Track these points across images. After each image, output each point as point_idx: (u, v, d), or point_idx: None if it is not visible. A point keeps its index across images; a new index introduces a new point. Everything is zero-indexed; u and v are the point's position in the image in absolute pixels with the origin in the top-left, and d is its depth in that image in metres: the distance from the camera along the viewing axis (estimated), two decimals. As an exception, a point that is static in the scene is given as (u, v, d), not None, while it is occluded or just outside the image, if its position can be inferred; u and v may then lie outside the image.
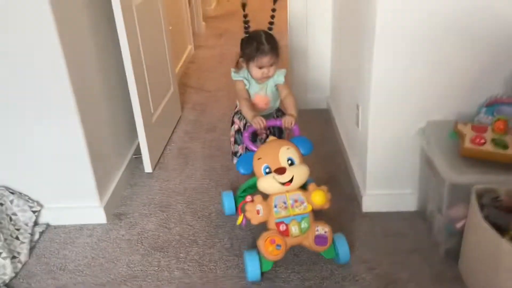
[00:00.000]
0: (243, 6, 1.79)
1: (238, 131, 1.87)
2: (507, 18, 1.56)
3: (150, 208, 2.04)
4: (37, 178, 1.89)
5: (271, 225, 1.54)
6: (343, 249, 1.60)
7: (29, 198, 1.91)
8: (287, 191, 1.54)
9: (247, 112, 1.74)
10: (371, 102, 1.75)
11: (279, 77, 1.80)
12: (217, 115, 2.91)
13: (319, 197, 1.53)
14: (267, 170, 1.53)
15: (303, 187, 1.57)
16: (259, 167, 1.55)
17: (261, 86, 1.81)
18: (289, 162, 1.54)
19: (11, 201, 1.85)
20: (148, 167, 2.29)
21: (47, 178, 1.89)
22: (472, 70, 1.65)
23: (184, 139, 2.64)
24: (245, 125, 1.84)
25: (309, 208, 1.54)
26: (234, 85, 1.82)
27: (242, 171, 1.60)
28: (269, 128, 1.83)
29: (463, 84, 1.67)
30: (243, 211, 1.58)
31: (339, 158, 2.33)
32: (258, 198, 1.54)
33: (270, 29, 1.79)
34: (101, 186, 1.95)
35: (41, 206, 1.93)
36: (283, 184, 1.52)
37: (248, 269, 1.56)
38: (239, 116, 1.88)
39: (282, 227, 1.52)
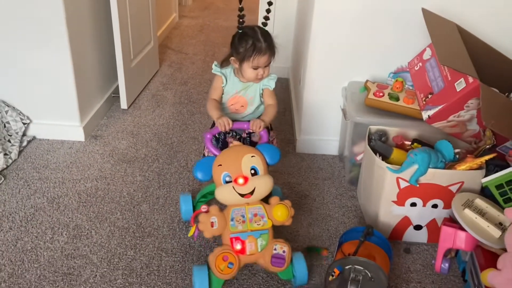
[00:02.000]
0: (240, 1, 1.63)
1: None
2: (418, 5, 2.01)
3: (122, 134, 2.45)
4: (29, 96, 2.27)
5: (226, 240, 1.45)
6: (300, 270, 1.50)
7: (21, 112, 2.29)
8: (247, 204, 1.44)
9: (212, 111, 1.61)
10: (308, 64, 2.19)
11: (270, 81, 1.68)
12: (190, 73, 3.31)
13: (281, 213, 1.45)
14: (227, 178, 1.42)
15: (266, 200, 1.49)
16: (219, 174, 1.43)
17: (243, 85, 1.65)
18: (252, 171, 1.43)
19: (6, 112, 2.22)
20: (124, 104, 2.68)
21: (37, 97, 2.27)
22: (386, 43, 2.10)
23: (159, 88, 3.04)
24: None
25: (269, 224, 1.45)
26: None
27: (199, 176, 1.46)
28: (241, 136, 1.70)
29: (379, 54, 2.12)
30: (196, 222, 1.46)
31: (288, 115, 2.78)
32: (214, 208, 1.44)
33: (264, 24, 1.65)
34: (82, 109, 2.34)
35: (30, 120, 2.32)
36: (243, 195, 1.41)
37: (195, 287, 1.43)
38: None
39: (237, 245, 1.43)
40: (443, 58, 1.68)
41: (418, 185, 1.64)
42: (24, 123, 2.28)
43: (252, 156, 1.44)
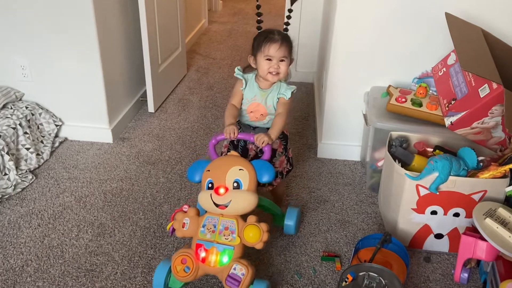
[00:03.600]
0: (258, 6, 1.70)
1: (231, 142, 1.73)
2: (442, 9, 1.97)
3: (148, 137, 2.52)
4: (62, 99, 2.38)
5: (193, 244, 1.43)
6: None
7: (54, 115, 2.40)
8: (222, 215, 1.43)
9: (226, 117, 1.62)
10: (329, 69, 2.19)
11: (287, 91, 1.62)
12: (217, 78, 3.37)
13: (252, 234, 1.38)
14: (210, 185, 1.44)
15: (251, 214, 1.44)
16: (204, 178, 1.47)
17: (262, 92, 1.64)
18: (235, 184, 1.42)
19: (40, 114, 2.34)
20: (151, 108, 2.77)
21: (69, 100, 2.38)
22: (410, 48, 2.07)
23: (185, 92, 3.11)
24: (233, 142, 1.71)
25: (237, 241, 1.40)
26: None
27: (190, 178, 1.52)
28: (247, 145, 1.69)
29: (402, 59, 2.10)
30: (175, 218, 1.49)
31: (310, 120, 2.78)
32: (191, 210, 1.47)
33: (285, 30, 1.73)
34: (111, 113, 2.44)
35: (62, 122, 2.43)
36: (218, 205, 1.41)
37: (154, 280, 1.46)
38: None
39: (201, 253, 1.41)
40: (465, 64, 1.64)
41: (438, 193, 1.60)
42: (56, 125, 2.39)
43: (240, 169, 1.43)
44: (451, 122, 1.73)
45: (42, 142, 2.30)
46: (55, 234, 1.79)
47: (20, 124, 2.18)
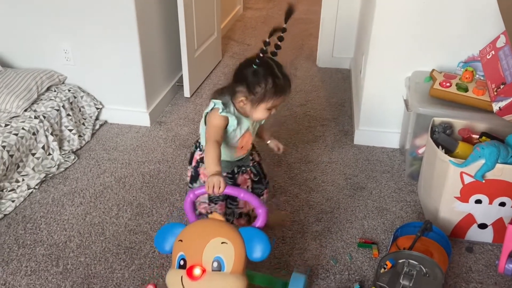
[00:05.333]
0: (281, 30, 1.32)
1: (192, 178, 1.51)
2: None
3: (184, 121, 2.55)
4: (102, 83, 2.44)
5: None
6: None
7: (94, 98, 2.47)
8: None
9: (210, 161, 1.26)
10: (369, 53, 2.12)
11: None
12: (251, 64, 3.36)
13: None
14: (181, 262, 1.11)
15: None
16: (175, 252, 1.14)
17: (249, 121, 1.41)
18: (215, 264, 1.08)
19: (81, 97, 2.41)
20: (187, 92, 2.79)
21: (109, 84, 2.43)
22: (456, 31, 1.98)
23: (220, 78, 3.11)
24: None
25: None
26: (209, 118, 1.35)
27: (158, 247, 1.22)
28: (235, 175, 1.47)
29: (447, 42, 2.01)
30: None
31: (347, 106, 2.73)
32: None
33: (274, 54, 1.33)
34: (149, 97, 2.48)
35: (103, 105, 2.49)
36: None
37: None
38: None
39: None
40: (518, 45, 1.55)
41: (484, 181, 1.54)
42: (97, 108, 2.45)
43: (222, 243, 1.08)
44: (499, 107, 1.64)
45: (83, 124, 2.37)
46: (96, 212, 1.85)
47: (63, 106, 2.25)
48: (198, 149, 1.51)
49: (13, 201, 1.86)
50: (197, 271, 1.07)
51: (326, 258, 1.64)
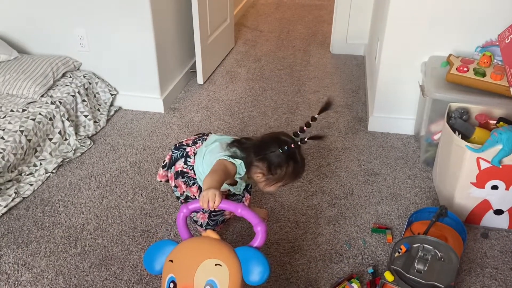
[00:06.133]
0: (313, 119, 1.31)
1: (184, 198, 1.47)
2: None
3: (197, 108, 2.56)
4: (117, 70, 2.45)
5: None
6: None
7: (109, 84, 2.49)
8: None
9: (210, 176, 1.21)
10: (385, 37, 2.10)
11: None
12: (264, 50, 3.34)
13: None
14: (171, 285, 1.04)
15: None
16: (165, 274, 1.07)
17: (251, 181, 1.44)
18: None
19: (96, 83, 2.43)
20: (200, 79, 2.79)
21: (123, 71, 2.45)
22: (474, 15, 1.94)
23: (233, 64, 3.11)
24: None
25: None
26: (225, 162, 1.29)
27: (147, 267, 1.14)
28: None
29: (465, 27, 1.97)
30: None
31: (361, 92, 2.71)
32: None
33: (303, 141, 1.31)
34: (162, 83, 2.49)
35: (117, 92, 2.51)
36: None
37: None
38: (184, 179, 1.43)
39: None
40: (539, 28, 1.52)
41: (501, 167, 1.52)
42: (111, 94, 2.48)
43: (216, 264, 1.00)
44: (518, 92, 1.62)
45: (98, 110, 2.40)
46: (112, 196, 1.88)
47: (78, 92, 2.27)
48: (183, 159, 1.44)
49: (31, 185, 1.90)
50: None
51: (340, 243, 1.65)
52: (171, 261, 1.06)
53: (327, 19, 3.83)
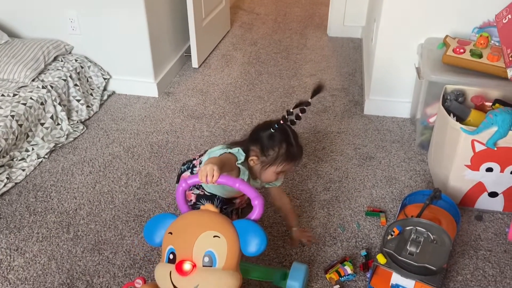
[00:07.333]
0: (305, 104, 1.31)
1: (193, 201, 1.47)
2: None
3: (192, 92, 2.53)
4: (110, 54, 2.42)
5: None
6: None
7: (102, 68, 2.45)
8: None
9: (211, 159, 1.24)
10: (381, 18, 2.06)
11: (279, 181, 1.48)
12: (261, 33, 3.29)
13: None
14: (171, 256, 1.06)
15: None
16: (165, 245, 1.09)
17: (255, 183, 1.44)
18: (206, 259, 1.03)
19: (89, 67, 2.40)
20: (195, 63, 2.76)
21: (116, 54, 2.41)
22: (472, -5, 1.90)
23: (229, 48, 3.07)
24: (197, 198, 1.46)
25: None
26: (225, 155, 1.32)
27: (147, 239, 1.17)
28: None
29: (461, 7, 1.93)
30: None
31: (357, 76, 2.68)
32: (149, 286, 1.17)
33: (293, 123, 1.34)
34: (156, 67, 2.45)
35: (110, 76, 2.48)
36: None
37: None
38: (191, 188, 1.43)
39: None
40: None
41: (496, 149, 1.50)
42: (104, 79, 2.44)
43: (215, 236, 1.02)
44: (515, 73, 1.59)
45: (91, 94, 2.37)
46: (105, 181, 1.87)
47: (70, 76, 2.24)
48: (189, 170, 1.49)
49: (23, 170, 1.89)
50: (186, 266, 1.02)
51: (333, 226, 1.64)
52: (171, 233, 1.09)
53: (324, 1, 3.76)
